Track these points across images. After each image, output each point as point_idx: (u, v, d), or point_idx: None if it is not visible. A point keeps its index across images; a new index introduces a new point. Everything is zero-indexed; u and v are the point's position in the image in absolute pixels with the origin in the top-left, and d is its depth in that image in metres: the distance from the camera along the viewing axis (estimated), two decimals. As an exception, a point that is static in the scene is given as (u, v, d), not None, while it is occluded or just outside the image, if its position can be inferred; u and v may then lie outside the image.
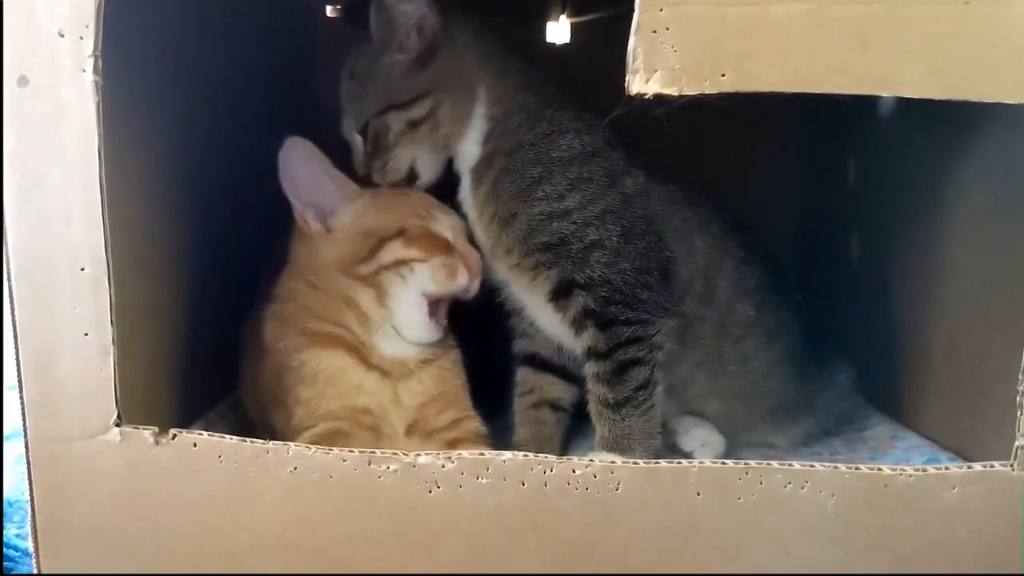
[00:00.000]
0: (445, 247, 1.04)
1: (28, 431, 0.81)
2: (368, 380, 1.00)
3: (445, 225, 1.06)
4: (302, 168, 1.00)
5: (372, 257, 1.01)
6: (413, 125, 1.05)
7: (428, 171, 1.09)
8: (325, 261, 1.02)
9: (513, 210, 1.03)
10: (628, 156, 1.07)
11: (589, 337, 1.03)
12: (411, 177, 1.09)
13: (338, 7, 1.42)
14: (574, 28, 1.47)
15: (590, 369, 1.04)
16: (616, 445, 1.02)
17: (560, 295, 1.04)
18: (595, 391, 1.04)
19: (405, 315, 1.02)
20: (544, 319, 1.10)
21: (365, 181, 1.07)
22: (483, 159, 1.06)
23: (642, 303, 1.02)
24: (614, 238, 1.02)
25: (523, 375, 1.16)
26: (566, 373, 1.16)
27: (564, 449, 1.14)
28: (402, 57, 1.04)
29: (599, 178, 1.03)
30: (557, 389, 1.16)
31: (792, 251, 1.50)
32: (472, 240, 1.08)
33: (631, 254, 1.02)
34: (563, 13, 1.46)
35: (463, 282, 1.03)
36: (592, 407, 1.05)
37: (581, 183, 1.03)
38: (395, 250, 1.01)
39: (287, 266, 1.05)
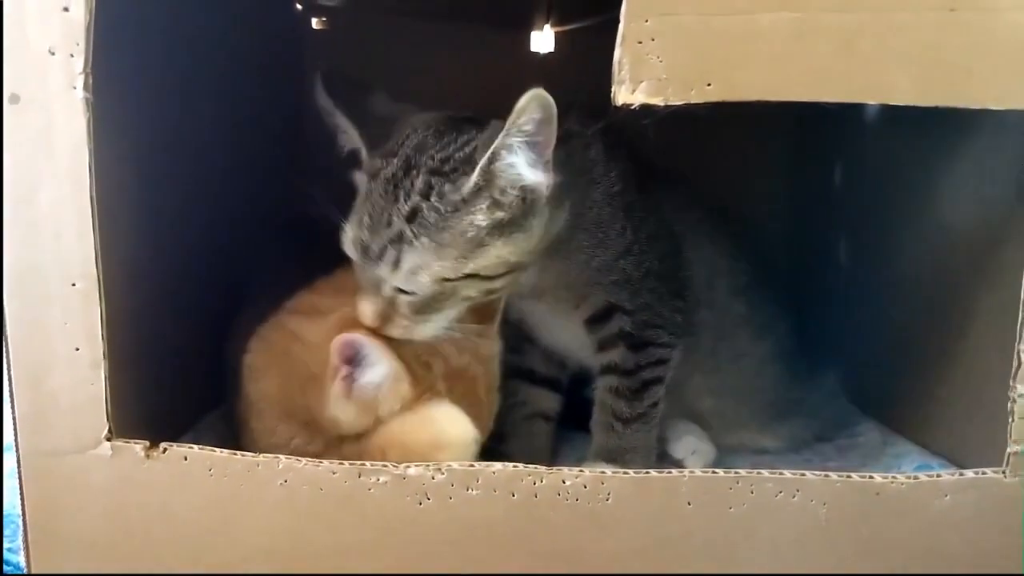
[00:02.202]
0: None
1: (20, 445, 0.81)
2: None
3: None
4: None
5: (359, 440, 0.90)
6: (490, 292, 0.91)
7: (441, 329, 0.90)
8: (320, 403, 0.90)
9: (589, 259, 0.99)
10: (641, 169, 1.06)
11: (616, 355, 1.03)
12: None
13: (324, 19, 1.43)
14: (558, 37, 1.48)
15: (608, 383, 1.04)
16: (618, 457, 1.02)
17: (600, 319, 1.03)
18: (610, 405, 1.04)
19: None
20: (565, 338, 1.10)
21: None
22: (554, 242, 0.95)
23: (676, 326, 1.04)
24: (656, 261, 1.02)
25: (515, 387, 1.14)
26: (557, 385, 1.16)
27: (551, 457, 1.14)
28: (501, 215, 0.85)
29: (639, 202, 1.02)
30: (549, 400, 1.16)
31: (782, 256, 1.50)
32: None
33: (667, 275, 1.03)
34: (547, 22, 1.47)
35: None
36: (600, 419, 1.05)
37: (633, 211, 1.01)
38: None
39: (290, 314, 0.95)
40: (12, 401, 0.80)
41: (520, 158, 0.83)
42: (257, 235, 1.06)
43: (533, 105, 0.80)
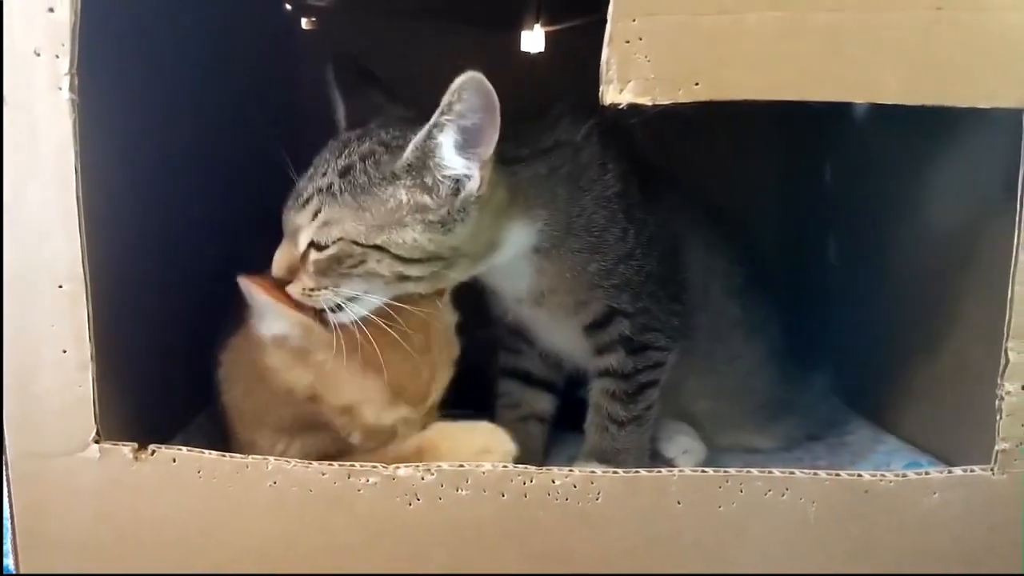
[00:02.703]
0: (389, 432, 0.92)
1: (8, 448, 0.80)
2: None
3: (402, 411, 0.92)
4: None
5: (311, 403, 0.91)
6: (402, 278, 0.87)
7: (367, 308, 0.88)
8: (261, 361, 0.91)
9: (585, 264, 0.98)
10: (640, 169, 1.05)
11: (614, 359, 1.03)
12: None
13: (313, 19, 1.43)
14: (548, 37, 1.48)
15: (604, 386, 1.04)
16: (612, 458, 1.02)
17: (600, 324, 1.03)
18: (606, 408, 1.04)
19: None
20: (564, 342, 1.09)
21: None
22: (540, 248, 0.96)
23: (673, 330, 1.04)
24: (656, 264, 1.01)
25: (509, 388, 1.15)
26: (553, 387, 1.16)
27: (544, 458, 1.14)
28: (427, 202, 0.85)
29: (640, 204, 1.02)
30: (544, 402, 1.16)
31: (771, 256, 1.50)
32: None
33: (666, 278, 1.03)
34: (537, 22, 1.47)
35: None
36: (595, 421, 1.05)
37: (634, 214, 1.00)
38: (335, 417, 0.91)
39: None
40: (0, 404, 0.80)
41: (448, 139, 0.83)
42: (248, 235, 1.05)
43: (467, 86, 0.80)
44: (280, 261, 0.87)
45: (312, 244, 0.86)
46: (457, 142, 0.83)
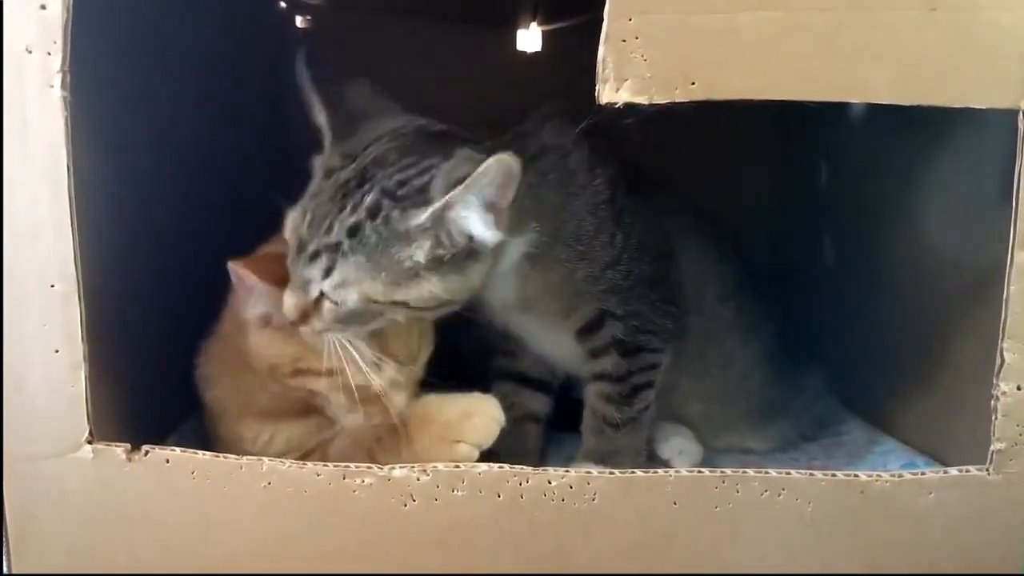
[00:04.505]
0: (375, 396, 0.91)
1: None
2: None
3: (387, 374, 0.91)
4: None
5: (296, 376, 0.91)
6: (417, 320, 0.90)
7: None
8: (243, 350, 0.92)
9: (572, 271, 0.98)
10: (629, 171, 1.05)
11: (608, 362, 1.03)
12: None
13: (308, 17, 1.43)
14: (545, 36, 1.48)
15: (599, 389, 1.04)
16: (608, 460, 1.02)
17: (592, 328, 1.02)
18: (601, 410, 1.04)
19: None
20: (554, 347, 1.09)
21: None
22: (530, 255, 0.95)
23: (667, 332, 1.04)
24: (647, 267, 1.01)
25: (503, 390, 1.13)
26: (547, 387, 1.16)
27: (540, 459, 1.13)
28: (442, 253, 0.84)
29: (629, 207, 1.01)
30: (539, 403, 1.15)
31: (767, 256, 1.50)
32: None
33: (658, 281, 1.03)
34: (534, 21, 1.47)
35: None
36: (590, 423, 1.05)
37: (623, 218, 1.00)
38: (322, 385, 0.91)
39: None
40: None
41: (474, 215, 0.82)
42: (242, 233, 1.05)
43: (496, 170, 0.80)
44: (292, 307, 0.85)
45: (326, 296, 0.84)
46: (483, 218, 0.83)
